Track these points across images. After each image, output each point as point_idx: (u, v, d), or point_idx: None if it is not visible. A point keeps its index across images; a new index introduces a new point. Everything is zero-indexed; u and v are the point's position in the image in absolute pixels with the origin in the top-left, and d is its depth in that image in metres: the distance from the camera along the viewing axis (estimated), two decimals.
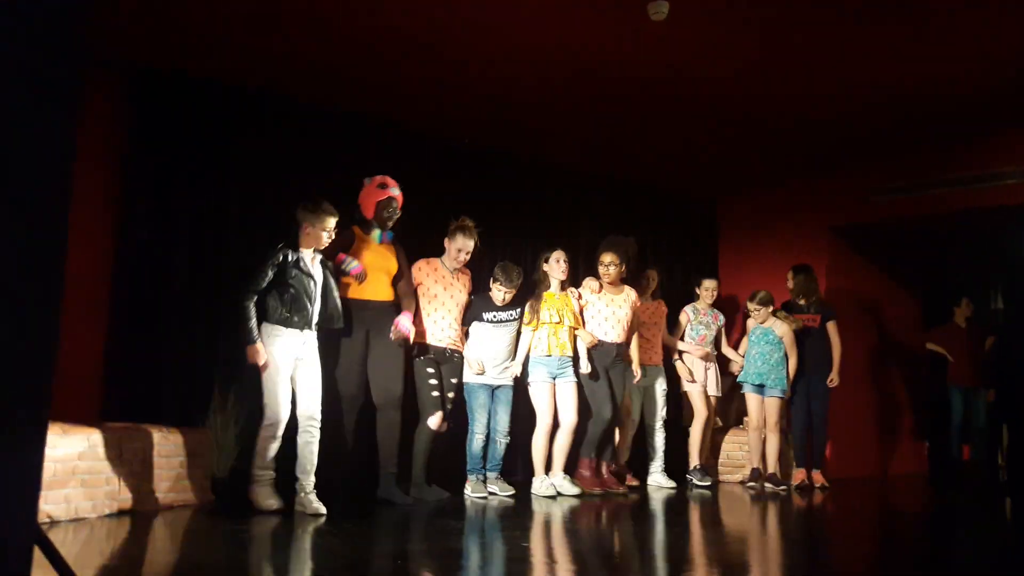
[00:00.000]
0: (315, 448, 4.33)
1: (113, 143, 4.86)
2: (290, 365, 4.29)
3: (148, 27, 4.52)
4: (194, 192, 5.00)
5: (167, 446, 4.26)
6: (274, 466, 4.28)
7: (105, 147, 4.80)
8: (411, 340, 4.86)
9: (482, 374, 5.22)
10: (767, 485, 6.24)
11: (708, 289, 6.48)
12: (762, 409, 6.29)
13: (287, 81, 5.23)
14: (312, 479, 4.30)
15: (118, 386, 4.65)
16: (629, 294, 5.73)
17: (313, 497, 4.25)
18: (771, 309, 6.30)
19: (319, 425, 4.37)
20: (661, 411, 6.22)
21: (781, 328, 6.26)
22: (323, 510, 4.20)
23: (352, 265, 4.69)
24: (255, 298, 4.25)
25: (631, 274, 5.88)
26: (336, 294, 4.54)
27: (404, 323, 4.79)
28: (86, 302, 4.62)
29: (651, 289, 6.33)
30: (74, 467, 3.78)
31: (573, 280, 5.72)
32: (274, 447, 4.27)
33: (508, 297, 5.26)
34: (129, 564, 3.26)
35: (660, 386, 6.23)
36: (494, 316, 5.28)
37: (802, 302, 6.48)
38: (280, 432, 4.26)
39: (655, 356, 6.24)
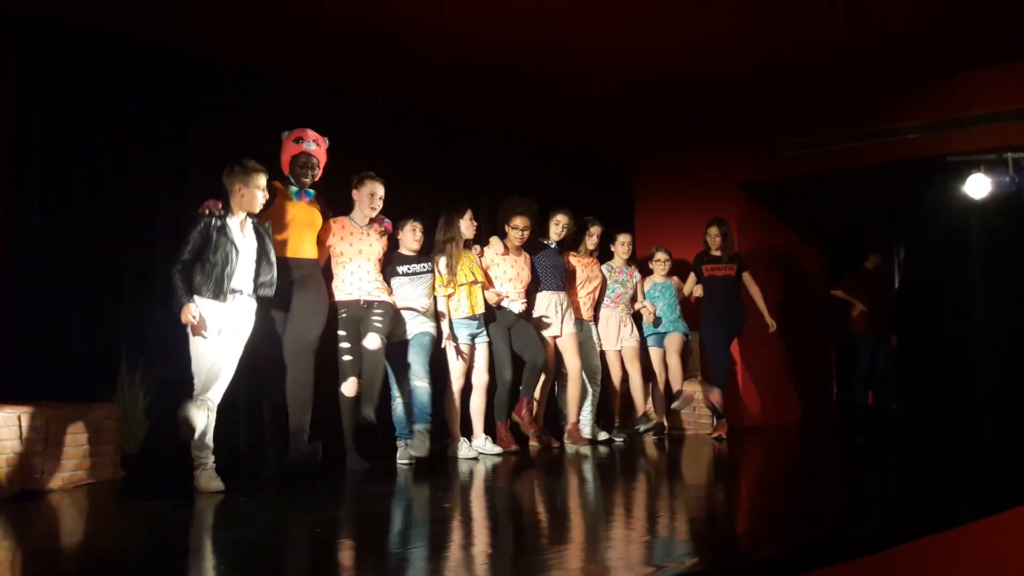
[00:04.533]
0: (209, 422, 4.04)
1: None
2: (212, 335, 4.10)
3: None
4: (92, 157, 4.74)
5: (73, 423, 4.11)
6: (212, 447, 4.04)
7: None
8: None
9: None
10: (674, 403, 6.44)
11: (623, 244, 6.53)
12: (662, 360, 6.54)
13: (191, 35, 4.97)
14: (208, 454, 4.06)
15: (17, 364, 4.42)
16: (527, 256, 5.84)
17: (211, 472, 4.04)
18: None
19: (217, 402, 4.08)
20: (597, 365, 6.24)
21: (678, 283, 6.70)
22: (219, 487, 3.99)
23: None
24: (181, 268, 4.08)
25: (574, 231, 6.08)
26: (272, 259, 4.32)
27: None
28: None
29: (591, 245, 6.32)
30: None
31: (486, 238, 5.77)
32: (209, 424, 4.02)
33: (421, 236, 5.24)
34: (33, 547, 3.16)
35: (596, 341, 6.25)
36: (408, 268, 5.22)
37: (717, 253, 6.61)
38: (212, 405, 4.03)
39: (591, 312, 6.26)
